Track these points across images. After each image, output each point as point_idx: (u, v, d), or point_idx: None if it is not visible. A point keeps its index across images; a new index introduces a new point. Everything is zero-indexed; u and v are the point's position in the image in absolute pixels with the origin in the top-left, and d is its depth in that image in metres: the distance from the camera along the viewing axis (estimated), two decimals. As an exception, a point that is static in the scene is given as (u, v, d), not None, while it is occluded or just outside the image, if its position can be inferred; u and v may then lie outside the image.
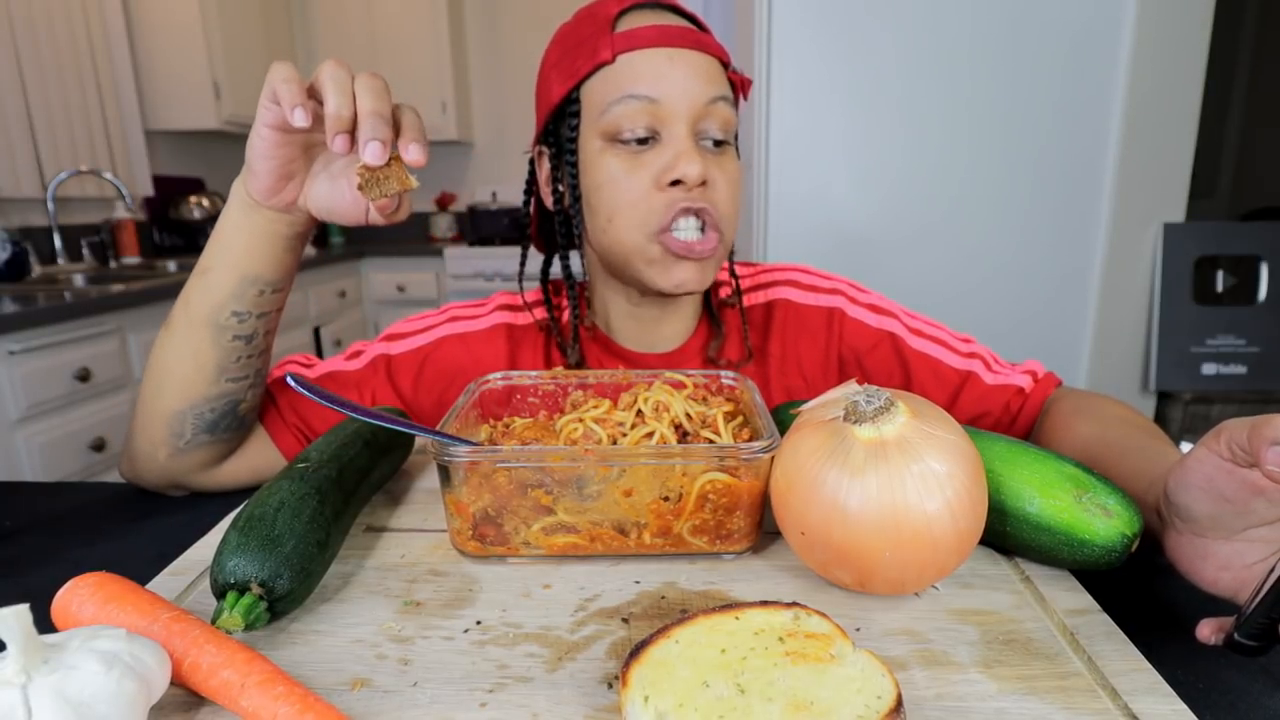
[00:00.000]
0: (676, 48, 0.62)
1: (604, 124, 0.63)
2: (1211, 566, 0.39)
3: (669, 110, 0.62)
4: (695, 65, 0.62)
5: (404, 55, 3.38)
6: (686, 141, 0.62)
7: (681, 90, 0.61)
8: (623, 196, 0.63)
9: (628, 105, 0.61)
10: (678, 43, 0.62)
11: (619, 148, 0.63)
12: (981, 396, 0.70)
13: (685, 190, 0.62)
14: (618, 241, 0.65)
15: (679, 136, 0.62)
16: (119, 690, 0.29)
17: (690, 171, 0.61)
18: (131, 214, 2.65)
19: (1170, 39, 1.29)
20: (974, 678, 0.35)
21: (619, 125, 0.62)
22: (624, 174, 0.63)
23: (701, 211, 0.63)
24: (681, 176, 0.61)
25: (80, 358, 1.79)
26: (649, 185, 0.62)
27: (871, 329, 0.74)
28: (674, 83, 0.61)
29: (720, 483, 0.44)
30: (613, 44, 0.62)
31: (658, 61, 0.61)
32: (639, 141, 0.62)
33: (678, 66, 0.61)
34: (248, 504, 0.42)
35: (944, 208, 1.38)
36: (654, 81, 0.61)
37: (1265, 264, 1.42)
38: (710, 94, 0.62)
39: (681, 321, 0.74)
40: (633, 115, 0.61)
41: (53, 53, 2.30)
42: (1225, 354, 1.42)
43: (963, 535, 0.39)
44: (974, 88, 1.32)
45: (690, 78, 0.62)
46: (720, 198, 0.64)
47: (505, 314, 0.75)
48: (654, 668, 0.32)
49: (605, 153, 0.63)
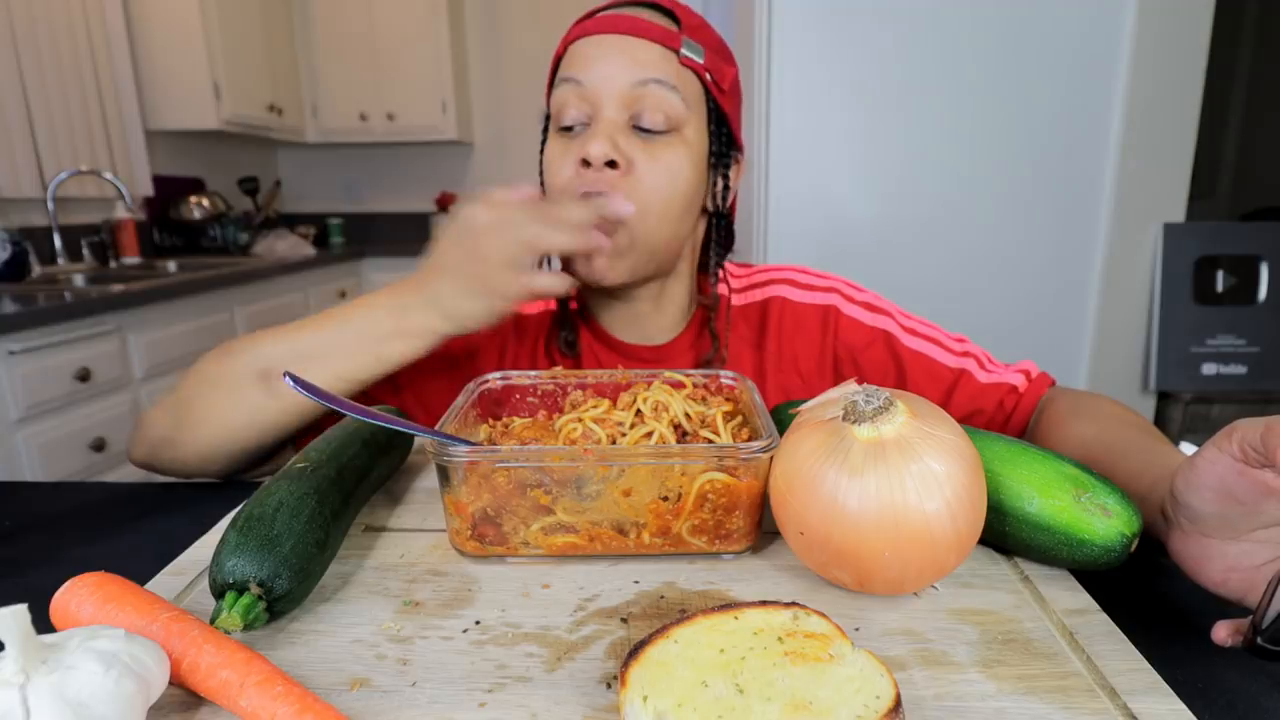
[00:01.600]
0: (611, 33, 0.63)
1: (551, 108, 0.66)
2: (1219, 567, 0.39)
3: (593, 92, 0.62)
4: (626, 49, 0.62)
5: (404, 55, 3.38)
6: (605, 125, 0.62)
7: (606, 73, 0.62)
8: (553, 181, 0.65)
9: (562, 89, 0.64)
10: (614, 28, 0.63)
11: (558, 133, 0.65)
12: (975, 394, 0.70)
13: (596, 171, 0.61)
14: None
15: (605, 120, 0.62)
16: (118, 690, 0.29)
17: (592, 150, 0.61)
18: (131, 214, 2.65)
19: (1170, 39, 1.29)
20: (973, 678, 0.35)
21: (558, 109, 0.64)
22: (556, 158, 0.65)
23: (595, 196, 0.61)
24: (584, 154, 0.61)
25: (80, 358, 1.79)
26: (570, 169, 0.63)
27: (866, 327, 0.74)
28: (601, 66, 0.62)
29: (719, 482, 0.44)
30: (568, 36, 0.65)
31: (592, 47, 0.63)
32: (569, 128, 0.64)
33: (606, 50, 0.63)
34: (247, 504, 0.42)
35: (944, 208, 1.38)
36: (583, 66, 0.63)
37: (1265, 264, 1.42)
38: (638, 77, 0.62)
39: (673, 321, 0.74)
40: (563, 97, 0.63)
41: (53, 53, 2.30)
42: (1225, 354, 1.42)
43: (962, 535, 0.39)
44: (974, 88, 1.32)
45: (617, 62, 0.62)
46: (645, 185, 0.62)
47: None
48: (653, 668, 0.32)
49: (551, 140, 0.66)
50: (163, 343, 2.10)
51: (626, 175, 0.62)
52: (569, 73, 0.64)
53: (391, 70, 3.40)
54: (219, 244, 3.06)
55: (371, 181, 3.90)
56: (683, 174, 0.64)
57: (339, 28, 3.39)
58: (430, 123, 3.46)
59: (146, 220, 2.82)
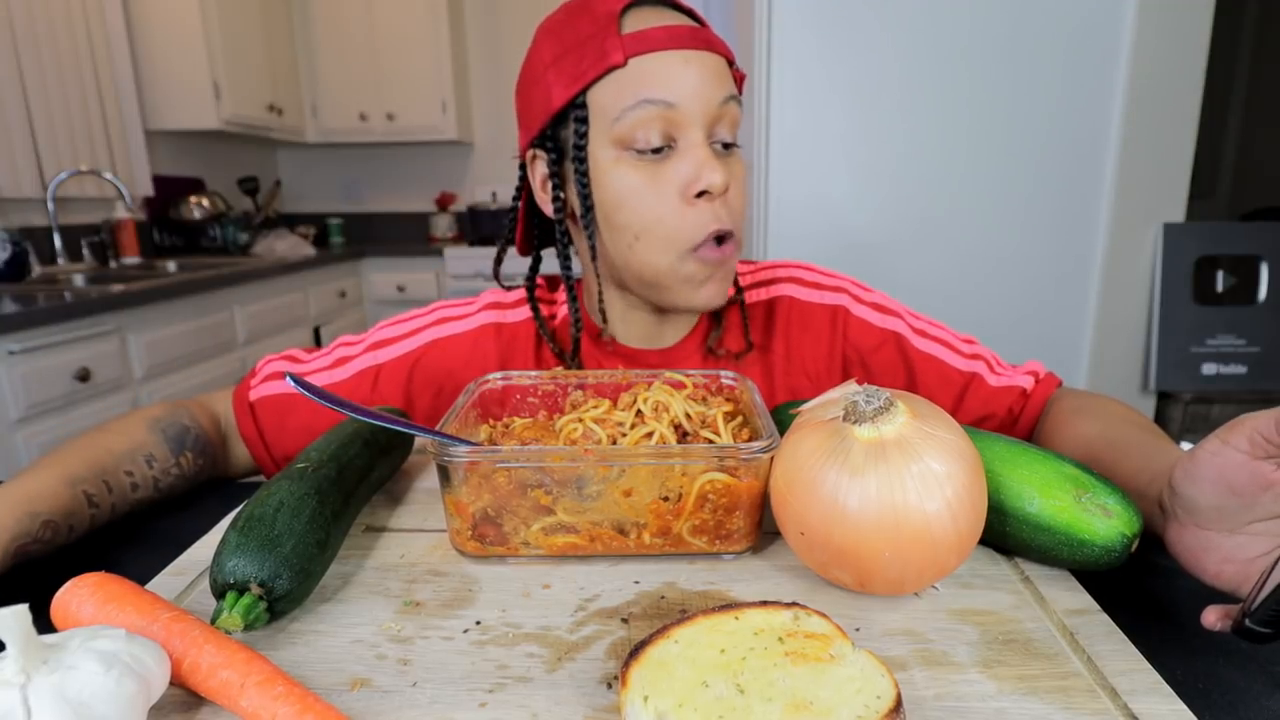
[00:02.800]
0: (688, 49, 0.59)
1: (617, 131, 0.59)
2: (1214, 560, 0.39)
3: (685, 115, 0.59)
4: (707, 66, 0.60)
5: (404, 55, 3.38)
6: (705, 149, 0.60)
7: (696, 93, 0.59)
8: (649, 213, 0.60)
9: (644, 111, 0.58)
10: (689, 44, 0.59)
11: (634, 158, 0.60)
12: (987, 399, 0.70)
13: (710, 200, 0.61)
14: (647, 262, 0.62)
15: (695, 143, 0.60)
16: (118, 690, 0.29)
17: (715, 180, 0.59)
18: (131, 214, 2.65)
19: (1170, 39, 1.29)
20: (973, 678, 0.35)
21: (633, 133, 0.59)
22: (646, 188, 0.60)
23: (729, 234, 0.62)
24: (708, 187, 0.59)
25: (80, 358, 1.79)
26: (675, 199, 0.60)
27: (876, 328, 0.73)
28: (689, 86, 0.59)
29: (720, 483, 0.44)
30: (623, 46, 0.58)
31: (672, 64, 0.58)
32: (654, 151, 0.60)
33: (691, 68, 0.59)
34: (247, 504, 0.42)
35: (944, 208, 1.38)
36: (668, 85, 0.58)
37: (1265, 264, 1.42)
38: (722, 95, 0.60)
39: (686, 323, 0.73)
40: (648, 121, 0.58)
41: (53, 53, 2.30)
42: (1225, 354, 1.42)
43: (962, 535, 0.39)
44: (974, 88, 1.32)
45: (704, 80, 0.59)
46: (736, 202, 0.63)
47: (494, 313, 0.73)
48: (653, 668, 0.32)
49: (620, 163, 0.60)
50: (163, 343, 2.10)
51: (725, 199, 0.62)
52: (653, 94, 0.58)
53: (391, 70, 3.40)
54: (219, 244, 3.06)
55: (371, 181, 3.90)
56: (746, 180, 0.64)
57: (339, 28, 3.39)
58: (430, 123, 3.46)
59: (146, 220, 2.82)
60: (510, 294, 0.75)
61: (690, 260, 0.62)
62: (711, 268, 0.63)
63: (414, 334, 0.72)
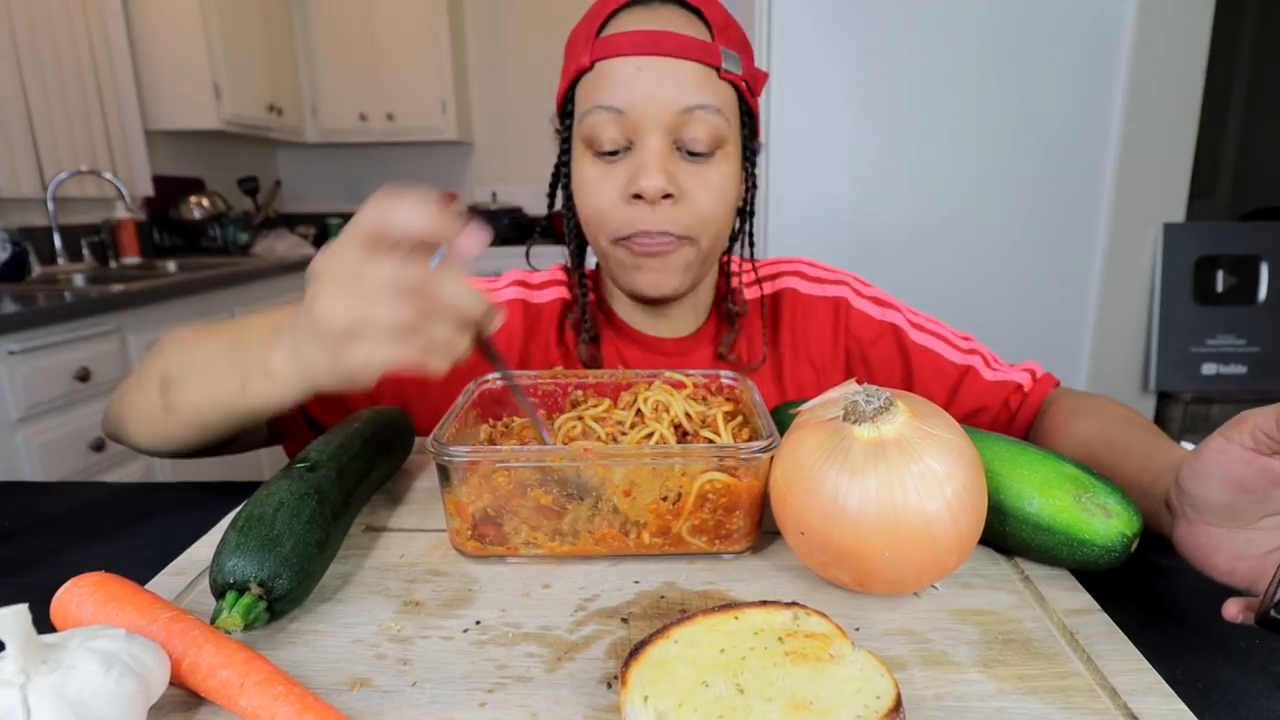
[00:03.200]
0: (650, 55, 0.59)
1: (582, 130, 0.63)
2: (1226, 557, 0.39)
3: (636, 120, 0.60)
4: (669, 74, 0.60)
5: (404, 55, 3.38)
6: (653, 154, 0.61)
7: (649, 100, 0.60)
8: (594, 204, 0.64)
9: (597, 115, 0.61)
10: (650, 50, 0.59)
11: (593, 156, 0.63)
12: (980, 392, 0.71)
13: (649, 205, 0.61)
14: (594, 244, 0.68)
15: (649, 148, 0.61)
16: (118, 690, 0.29)
17: (648, 185, 0.60)
18: (131, 214, 2.64)
19: (1170, 39, 1.29)
20: (973, 678, 0.35)
21: (592, 133, 0.62)
22: (595, 182, 0.64)
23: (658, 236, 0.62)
24: (640, 191, 0.60)
25: (80, 358, 1.79)
26: (615, 196, 0.63)
27: (875, 320, 0.74)
28: (643, 93, 0.60)
29: (720, 482, 0.44)
30: (592, 49, 0.61)
31: (625, 70, 0.60)
32: (611, 153, 0.62)
33: (647, 76, 0.59)
34: (247, 504, 0.42)
35: (944, 208, 1.38)
36: (622, 91, 0.60)
37: (1265, 264, 1.42)
38: (684, 103, 0.60)
39: (694, 313, 0.74)
40: (601, 125, 0.61)
41: (53, 53, 2.29)
42: (1225, 354, 1.42)
43: (962, 535, 0.39)
44: (974, 88, 1.32)
45: (661, 88, 0.59)
46: (699, 209, 0.63)
47: (520, 289, 0.76)
48: (653, 668, 0.32)
49: (583, 158, 0.64)
50: (163, 343, 2.09)
51: (678, 203, 0.62)
52: (605, 99, 0.60)
53: (391, 70, 3.40)
54: (219, 244, 3.06)
55: (371, 181, 3.90)
56: (729, 189, 0.64)
57: (339, 28, 3.39)
58: (430, 123, 3.46)
59: (146, 220, 2.82)
60: (535, 275, 0.77)
61: (619, 247, 0.65)
62: (640, 257, 0.64)
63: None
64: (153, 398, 0.55)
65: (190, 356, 0.54)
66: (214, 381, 0.51)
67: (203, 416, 0.53)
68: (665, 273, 0.65)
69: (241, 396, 0.49)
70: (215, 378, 0.51)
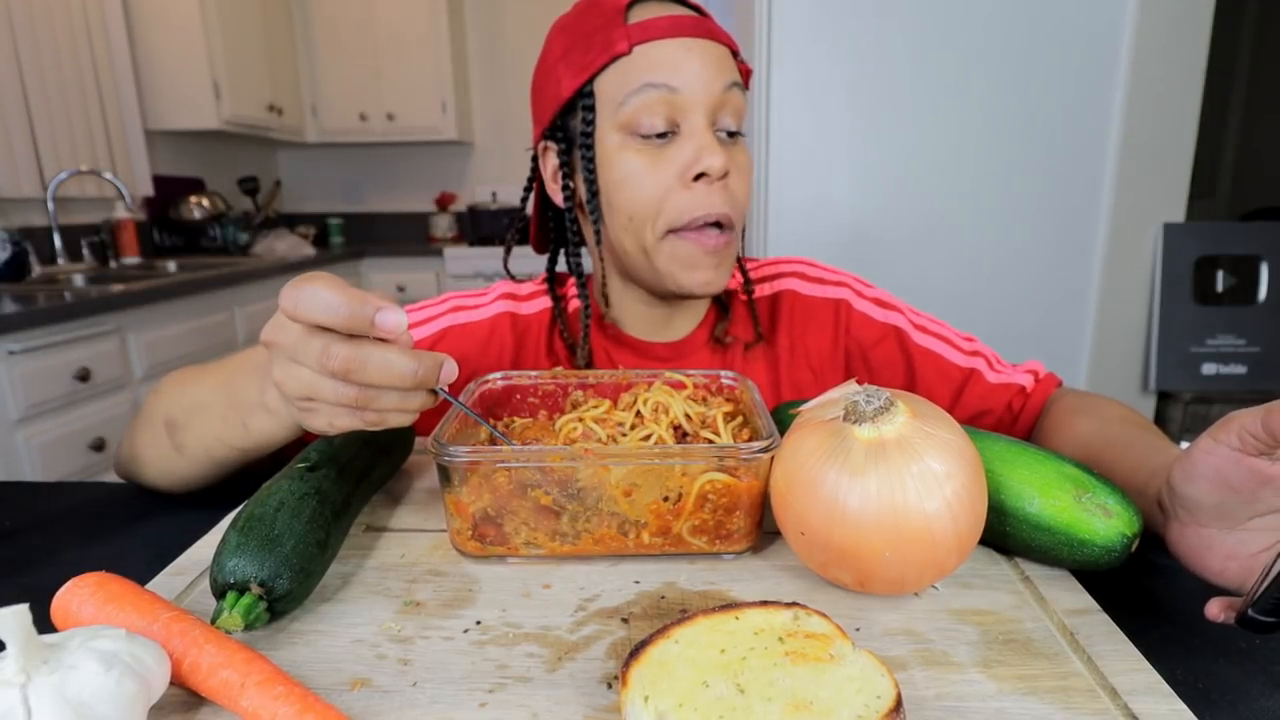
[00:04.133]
0: (691, 37, 0.61)
1: (622, 116, 0.61)
2: (1217, 557, 0.40)
3: (688, 100, 0.61)
4: (710, 54, 0.61)
5: (404, 55, 3.38)
6: (707, 134, 0.61)
7: (699, 79, 0.61)
8: (645, 193, 0.62)
9: (647, 95, 0.60)
10: (692, 32, 0.61)
11: (638, 142, 0.62)
12: (985, 394, 0.71)
13: (709, 184, 0.61)
14: (638, 241, 0.64)
15: (698, 128, 0.61)
16: (119, 690, 0.29)
17: (714, 163, 0.60)
18: (131, 214, 2.65)
19: (1170, 39, 1.29)
20: (974, 678, 0.35)
21: (638, 118, 0.61)
22: (646, 170, 0.62)
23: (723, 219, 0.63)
24: (706, 170, 0.60)
25: (80, 358, 1.79)
26: (673, 181, 0.62)
27: (877, 322, 0.74)
28: (692, 71, 0.60)
29: (720, 483, 0.44)
30: (628, 35, 0.61)
31: (674, 51, 0.61)
32: (659, 136, 0.61)
33: (694, 55, 0.61)
34: (247, 504, 0.42)
35: (944, 208, 1.38)
36: (672, 70, 0.60)
37: (1265, 264, 1.42)
38: (725, 81, 0.62)
39: (695, 314, 0.74)
40: (651, 105, 0.60)
41: (53, 53, 2.29)
42: (1225, 354, 1.42)
43: (962, 535, 0.39)
44: (974, 88, 1.32)
45: (706, 66, 0.61)
46: (738, 190, 0.64)
47: (508, 303, 0.74)
48: (654, 668, 0.32)
49: (625, 148, 0.62)
50: (163, 343, 2.10)
51: (727, 185, 0.62)
52: (655, 78, 0.60)
53: (391, 70, 3.40)
54: (219, 244, 3.06)
55: (371, 181, 3.90)
56: (752, 171, 0.65)
57: (339, 28, 3.39)
58: (430, 123, 3.46)
59: (146, 220, 2.82)
60: (523, 286, 0.77)
61: (679, 241, 0.63)
62: (703, 252, 0.63)
63: (429, 321, 0.73)
64: (161, 440, 0.56)
65: (190, 398, 0.55)
66: (218, 420, 0.52)
67: (213, 454, 0.54)
68: (720, 270, 0.65)
69: (246, 434, 0.50)
70: (219, 417, 0.52)
